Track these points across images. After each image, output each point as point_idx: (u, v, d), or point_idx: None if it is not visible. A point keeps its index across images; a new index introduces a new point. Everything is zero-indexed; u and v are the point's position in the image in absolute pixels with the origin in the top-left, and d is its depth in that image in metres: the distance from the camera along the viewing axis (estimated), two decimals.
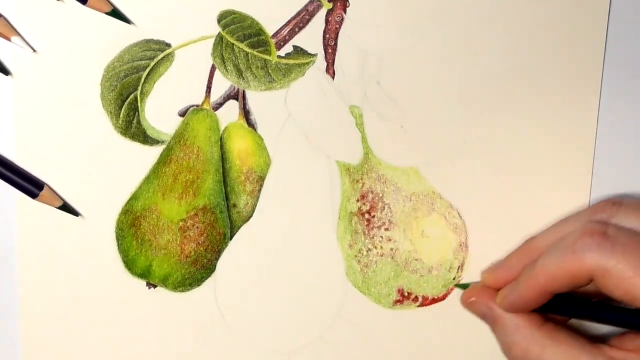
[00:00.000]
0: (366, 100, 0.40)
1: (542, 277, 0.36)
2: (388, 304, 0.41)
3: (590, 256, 0.34)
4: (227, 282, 0.41)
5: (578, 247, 0.35)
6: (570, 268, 0.35)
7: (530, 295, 0.36)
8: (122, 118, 0.40)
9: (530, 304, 0.37)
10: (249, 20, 0.39)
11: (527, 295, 0.37)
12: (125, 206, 0.40)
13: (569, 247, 0.35)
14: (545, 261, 0.36)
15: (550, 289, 0.36)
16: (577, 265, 0.35)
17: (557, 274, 0.35)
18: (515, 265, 0.39)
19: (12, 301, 0.40)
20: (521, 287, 0.37)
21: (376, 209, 0.41)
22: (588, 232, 0.35)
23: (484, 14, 0.40)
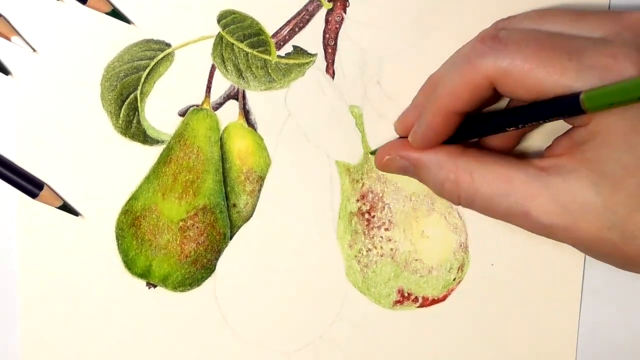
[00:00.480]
0: (366, 100, 0.40)
1: (445, 98, 0.34)
2: (388, 304, 0.41)
3: (485, 61, 0.33)
4: (227, 282, 0.41)
5: (472, 56, 0.33)
6: (468, 79, 0.33)
7: (438, 121, 0.35)
8: (122, 118, 0.40)
9: (441, 130, 0.35)
10: (249, 20, 0.39)
11: (435, 122, 0.35)
12: (125, 206, 0.40)
13: (463, 59, 0.34)
14: (444, 81, 0.34)
15: (455, 109, 0.34)
16: (474, 73, 0.33)
17: (458, 89, 0.34)
18: (421, 103, 0.37)
19: (12, 301, 0.40)
20: (427, 115, 0.35)
21: (376, 209, 0.41)
22: (479, 39, 0.34)
23: (484, 13, 0.39)
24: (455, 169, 0.35)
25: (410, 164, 0.37)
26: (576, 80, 0.31)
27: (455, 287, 0.41)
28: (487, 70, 0.33)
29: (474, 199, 0.35)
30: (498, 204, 0.34)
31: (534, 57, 0.32)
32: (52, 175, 0.40)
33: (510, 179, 0.34)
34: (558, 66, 0.32)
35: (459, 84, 0.34)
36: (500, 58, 0.32)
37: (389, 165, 0.38)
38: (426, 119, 0.35)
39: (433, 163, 0.36)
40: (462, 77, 0.34)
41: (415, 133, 0.36)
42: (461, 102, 0.34)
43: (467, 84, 0.33)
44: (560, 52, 0.32)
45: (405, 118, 0.38)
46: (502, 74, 0.33)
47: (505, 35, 0.33)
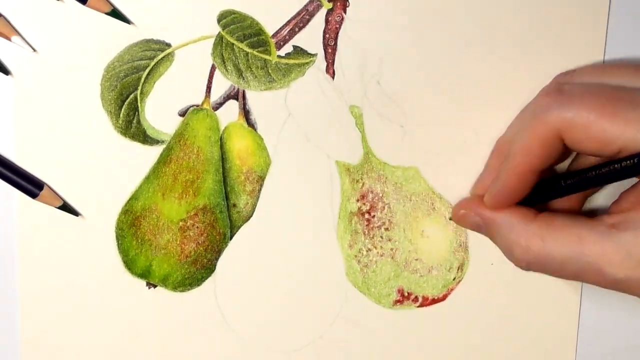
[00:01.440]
0: (366, 100, 0.40)
1: (517, 157, 0.35)
2: (388, 304, 0.41)
3: (551, 113, 0.34)
4: (227, 282, 0.41)
5: (538, 111, 0.34)
6: (537, 133, 0.34)
7: (512, 181, 0.36)
8: (122, 118, 0.40)
9: (516, 190, 0.36)
10: (249, 20, 0.39)
11: (510, 182, 0.36)
12: (125, 206, 0.40)
13: (530, 115, 0.35)
14: (515, 141, 0.35)
15: (529, 166, 0.35)
16: (542, 127, 0.34)
17: (529, 146, 0.34)
18: (495, 166, 0.38)
19: (12, 301, 0.40)
20: (503, 176, 0.36)
21: (376, 208, 0.41)
22: (544, 94, 0.34)
23: (484, 13, 0.40)
24: (526, 232, 0.36)
25: (483, 222, 0.38)
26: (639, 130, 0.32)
27: (455, 287, 0.41)
28: (554, 122, 0.34)
29: (545, 262, 0.35)
30: (571, 266, 0.35)
31: (599, 107, 0.33)
32: (52, 175, 0.40)
33: (582, 239, 0.34)
34: (622, 116, 0.32)
35: (529, 139, 0.34)
36: (565, 110, 0.33)
37: (464, 219, 0.39)
38: (502, 179, 0.36)
39: (506, 225, 0.37)
40: (531, 133, 0.34)
41: (491, 193, 0.37)
42: (533, 158, 0.35)
43: (537, 138, 0.34)
44: (624, 103, 0.33)
45: (481, 182, 0.39)
46: (568, 125, 0.33)
47: (569, 88, 0.34)
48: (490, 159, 0.39)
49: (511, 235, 0.36)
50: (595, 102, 0.33)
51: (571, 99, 0.33)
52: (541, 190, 0.37)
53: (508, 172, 0.36)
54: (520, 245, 0.36)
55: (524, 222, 0.36)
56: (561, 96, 0.34)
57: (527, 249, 0.36)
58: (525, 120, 0.35)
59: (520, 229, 0.36)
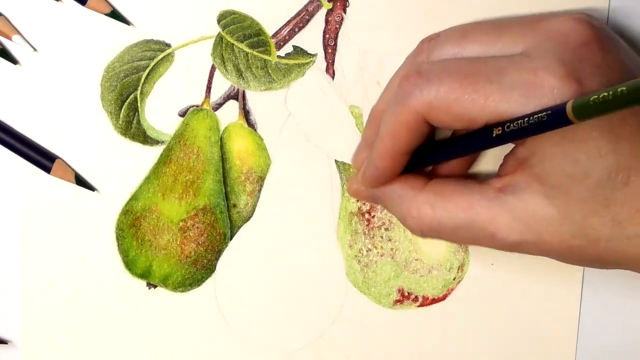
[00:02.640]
0: (366, 100, 0.40)
1: (387, 140, 0.34)
2: (388, 303, 0.41)
3: (412, 99, 0.33)
4: (228, 282, 0.41)
5: (400, 96, 0.34)
6: (403, 120, 0.34)
7: (384, 163, 0.35)
8: (122, 118, 0.40)
9: (389, 171, 0.36)
10: (249, 20, 0.39)
11: (382, 164, 0.35)
12: (125, 206, 0.40)
13: (394, 101, 0.34)
14: (383, 123, 0.35)
15: (399, 149, 0.35)
16: (406, 114, 0.33)
17: (396, 130, 0.34)
18: (369, 137, 0.38)
19: (12, 301, 0.40)
20: (374, 157, 0.36)
21: (376, 209, 0.41)
22: (404, 78, 0.34)
23: (484, 13, 0.40)
24: (415, 203, 0.36)
25: (375, 196, 0.38)
26: (501, 102, 0.32)
27: (455, 287, 0.41)
28: (416, 107, 0.33)
29: (438, 230, 0.35)
30: (463, 233, 0.35)
31: (457, 86, 0.32)
32: None
33: (472, 205, 0.34)
34: (481, 91, 0.32)
35: (395, 125, 0.34)
36: (425, 93, 0.33)
37: (357, 194, 0.39)
38: (373, 160, 0.36)
39: (395, 196, 0.36)
40: (397, 119, 0.34)
41: (365, 174, 0.37)
42: (402, 142, 0.34)
43: (402, 124, 0.34)
44: (482, 76, 0.32)
45: (358, 154, 0.39)
46: (429, 108, 0.33)
47: (427, 68, 0.34)
48: (365, 129, 0.39)
49: (402, 206, 0.36)
50: (453, 81, 0.32)
51: (429, 81, 0.33)
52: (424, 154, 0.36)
53: (379, 153, 0.35)
54: (411, 215, 0.36)
55: (412, 192, 0.36)
56: (420, 79, 0.33)
57: (419, 218, 0.35)
58: (391, 103, 0.34)
59: (409, 199, 0.36)
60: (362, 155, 0.38)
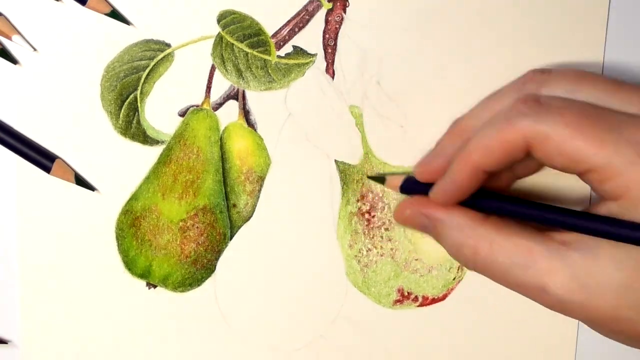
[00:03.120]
0: (366, 100, 0.40)
1: (476, 153, 0.34)
2: (388, 303, 0.41)
3: (525, 122, 0.32)
4: (227, 282, 0.41)
5: (512, 115, 0.33)
6: (505, 138, 0.33)
7: (464, 178, 0.34)
8: (122, 118, 0.40)
9: (465, 187, 0.35)
10: (249, 20, 0.39)
11: (461, 178, 0.34)
12: (125, 206, 0.40)
13: (502, 117, 0.33)
14: (478, 137, 0.34)
15: (484, 166, 0.34)
16: (512, 133, 0.33)
17: (492, 146, 0.33)
18: (447, 149, 0.36)
19: (12, 301, 0.40)
20: (454, 170, 0.35)
21: (376, 208, 0.41)
22: (521, 101, 0.33)
23: (484, 13, 0.40)
24: (475, 235, 0.35)
25: (430, 222, 0.36)
26: (614, 154, 0.31)
27: (455, 287, 0.41)
28: (526, 131, 0.32)
29: (490, 267, 0.34)
30: (515, 275, 0.34)
31: (576, 125, 0.32)
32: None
33: (531, 251, 0.33)
34: (598, 137, 0.32)
35: (494, 141, 0.33)
36: (542, 121, 0.32)
37: (409, 220, 0.37)
38: (452, 173, 0.35)
39: (455, 225, 0.35)
40: (499, 135, 0.33)
41: (439, 186, 0.36)
42: (493, 159, 0.34)
43: (502, 140, 0.33)
44: (601, 123, 0.32)
45: (429, 163, 0.37)
46: (541, 137, 0.32)
47: (546, 100, 0.33)
48: (442, 139, 0.38)
49: (460, 236, 0.35)
50: (572, 118, 0.32)
51: (549, 112, 0.32)
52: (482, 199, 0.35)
53: (461, 167, 0.34)
54: (469, 246, 0.35)
55: (473, 224, 0.35)
56: (539, 107, 0.33)
57: (475, 250, 0.35)
58: (494, 119, 0.34)
59: (469, 230, 0.35)
60: (435, 163, 0.37)
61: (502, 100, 0.36)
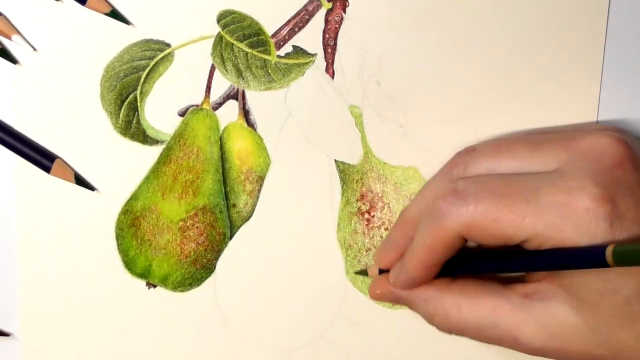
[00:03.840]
0: (366, 100, 0.40)
1: (421, 253, 0.35)
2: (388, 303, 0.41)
3: (449, 220, 0.34)
4: (227, 282, 0.41)
5: (437, 215, 0.34)
6: (439, 238, 0.34)
7: (418, 273, 0.36)
8: (121, 118, 0.40)
9: (422, 279, 0.37)
10: (249, 20, 0.39)
11: (416, 273, 0.36)
12: (125, 206, 0.40)
13: (430, 218, 0.35)
14: (418, 237, 0.36)
15: (433, 262, 0.36)
16: (443, 232, 0.34)
17: (432, 246, 0.35)
18: (399, 241, 0.38)
19: (12, 301, 0.40)
20: (407, 266, 0.37)
21: (376, 208, 0.41)
22: (440, 196, 0.35)
23: (484, 13, 0.40)
24: (441, 305, 0.37)
25: (399, 299, 0.39)
26: (538, 223, 0.32)
27: None
28: (454, 227, 0.34)
29: (463, 329, 0.36)
30: (487, 333, 0.36)
31: (494, 208, 0.33)
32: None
33: (496, 309, 0.35)
34: (518, 212, 0.33)
35: (431, 241, 0.35)
36: (462, 213, 0.34)
37: (381, 298, 0.40)
38: (407, 270, 0.37)
39: (421, 299, 0.37)
40: (433, 236, 0.35)
41: (397, 279, 0.38)
42: (437, 256, 0.35)
43: (438, 241, 0.35)
44: (518, 197, 0.33)
45: (384, 254, 0.39)
46: (467, 228, 0.34)
47: (463, 187, 0.34)
48: (393, 231, 0.39)
49: (428, 307, 0.37)
50: (490, 202, 0.33)
51: (466, 201, 0.34)
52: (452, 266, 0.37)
53: (413, 264, 0.36)
54: (439, 315, 0.37)
55: (438, 293, 0.37)
56: (457, 199, 0.34)
57: (446, 318, 0.37)
58: (426, 218, 0.35)
59: (435, 300, 0.37)
60: (389, 255, 0.39)
61: (433, 189, 0.37)
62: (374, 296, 0.40)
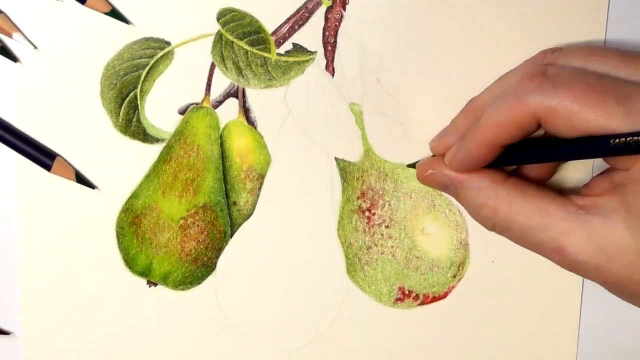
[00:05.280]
0: (366, 97, 0.40)
1: (488, 129, 0.34)
2: (389, 302, 0.41)
3: (533, 98, 0.33)
4: (228, 280, 0.41)
5: (520, 92, 0.33)
6: (515, 115, 0.33)
7: (478, 151, 0.35)
8: (122, 116, 0.40)
9: (480, 159, 0.36)
10: (249, 18, 0.39)
11: (476, 151, 0.35)
12: (126, 204, 0.40)
13: (511, 94, 0.34)
14: (490, 112, 0.34)
15: (498, 141, 0.35)
16: (521, 110, 0.33)
17: (504, 123, 0.34)
18: (461, 125, 0.37)
19: (12, 301, 0.40)
20: (468, 142, 0.35)
21: (376, 206, 0.41)
22: (527, 76, 0.34)
23: (484, 11, 0.40)
24: (494, 196, 0.36)
25: (451, 182, 0.37)
26: (624, 125, 0.32)
27: (456, 285, 0.41)
28: (535, 107, 0.33)
29: (510, 227, 0.35)
30: (533, 236, 0.35)
31: (583, 98, 0.32)
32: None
33: (549, 213, 0.34)
34: (606, 110, 0.32)
35: (505, 118, 0.34)
36: (549, 97, 0.33)
37: (431, 179, 0.38)
38: (468, 146, 0.36)
39: (474, 186, 0.36)
40: (509, 112, 0.34)
41: (455, 157, 0.36)
42: (506, 135, 0.34)
43: (514, 119, 0.34)
44: (609, 95, 0.32)
45: (444, 138, 0.38)
46: (549, 112, 0.33)
47: (553, 73, 0.33)
48: (457, 117, 0.38)
49: (480, 196, 0.36)
50: (579, 91, 0.32)
51: (555, 86, 0.33)
52: (510, 154, 0.36)
53: (476, 141, 0.35)
54: (488, 206, 0.36)
55: (493, 185, 0.36)
56: (546, 81, 0.33)
57: (495, 210, 0.36)
58: (504, 96, 0.34)
59: (489, 191, 0.36)
60: (449, 139, 0.38)
61: (513, 78, 0.36)
62: (422, 178, 0.38)
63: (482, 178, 0.36)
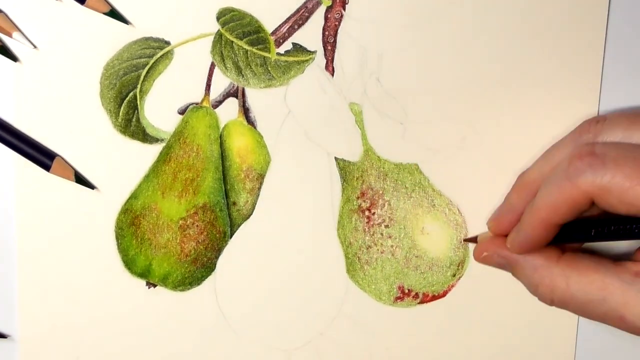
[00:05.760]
0: (366, 97, 0.40)
1: (543, 211, 0.35)
2: (389, 301, 0.41)
3: (584, 179, 0.34)
4: (228, 280, 0.41)
5: (571, 173, 0.34)
6: (568, 196, 0.34)
7: (536, 233, 0.36)
8: (121, 116, 0.40)
9: (539, 240, 0.36)
10: (248, 17, 0.39)
11: (534, 233, 0.36)
12: (125, 205, 0.40)
13: (562, 175, 0.34)
14: (543, 195, 0.35)
15: (554, 221, 0.35)
16: (574, 191, 0.34)
17: (558, 205, 0.35)
18: (517, 205, 0.38)
19: (11, 301, 0.40)
20: (526, 226, 0.36)
21: (376, 206, 0.41)
22: (577, 156, 0.34)
23: (484, 11, 0.40)
24: (550, 274, 0.37)
25: (507, 263, 0.38)
26: None
27: (456, 284, 0.41)
28: (587, 187, 0.34)
29: (568, 303, 0.36)
30: (593, 309, 0.36)
31: (634, 174, 0.33)
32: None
33: (605, 285, 0.35)
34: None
35: (558, 199, 0.35)
36: (600, 176, 0.33)
37: (487, 260, 0.39)
38: (526, 230, 0.37)
39: (529, 265, 0.37)
40: (562, 193, 0.34)
41: (514, 240, 0.38)
42: (560, 215, 0.35)
43: (567, 200, 0.34)
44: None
45: (500, 218, 0.39)
46: (602, 191, 0.33)
47: (601, 151, 0.34)
48: (510, 195, 0.39)
49: (536, 276, 0.37)
50: (629, 168, 0.33)
51: (605, 164, 0.33)
52: (566, 233, 0.37)
53: (532, 223, 0.36)
54: (545, 285, 0.37)
55: (547, 263, 0.37)
56: (595, 160, 0.34)
57: (552, 288, 0.37)
58: (556, 176, 0.35)
59: (543, 270, 0.37)
60: (505, 219, 0.39)
61: (560, 154, 0.37)
62: (479, 258, 0.39)
63: (536, 257, 0.37)
